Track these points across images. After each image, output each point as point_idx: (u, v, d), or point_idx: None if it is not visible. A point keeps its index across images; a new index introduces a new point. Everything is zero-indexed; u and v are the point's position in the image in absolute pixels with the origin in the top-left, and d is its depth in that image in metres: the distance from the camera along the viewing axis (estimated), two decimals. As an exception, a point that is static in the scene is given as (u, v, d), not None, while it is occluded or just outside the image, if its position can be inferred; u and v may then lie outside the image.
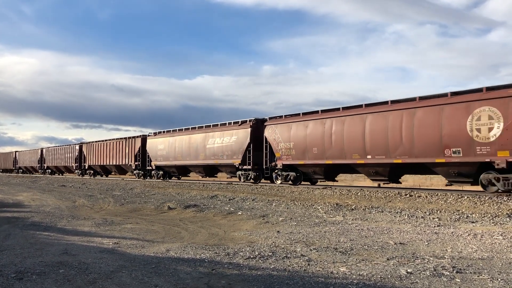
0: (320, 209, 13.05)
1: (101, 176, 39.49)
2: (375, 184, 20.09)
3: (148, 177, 31.21)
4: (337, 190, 16.55)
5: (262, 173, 21.78)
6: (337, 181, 20.18)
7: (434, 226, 9.77)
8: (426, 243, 7.84)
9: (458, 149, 13.87)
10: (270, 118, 21.66)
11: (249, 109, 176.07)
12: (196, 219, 12.70)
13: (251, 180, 22.26)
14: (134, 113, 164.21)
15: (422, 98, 15.32)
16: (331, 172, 19.17)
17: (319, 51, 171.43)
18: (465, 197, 12.93)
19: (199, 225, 11.48)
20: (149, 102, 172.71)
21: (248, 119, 22.59)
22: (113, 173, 38.75)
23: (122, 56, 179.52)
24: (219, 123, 24.72)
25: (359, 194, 15.36)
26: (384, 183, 18.31)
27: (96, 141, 38.64)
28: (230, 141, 23.06)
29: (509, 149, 12.67)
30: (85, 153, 40.45)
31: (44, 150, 51.02)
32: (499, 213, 10.74)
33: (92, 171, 39.91)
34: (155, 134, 30.46)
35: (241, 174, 22.73)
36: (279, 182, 20.84)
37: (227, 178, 25.76)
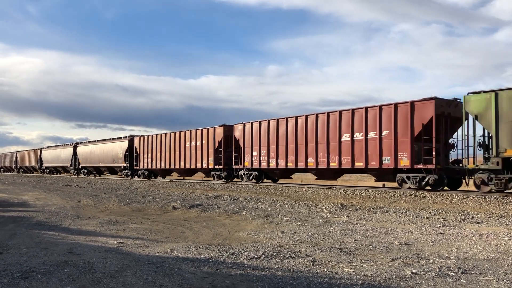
0: (324, 209, 13.03)
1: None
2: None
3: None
4: (342, 190, 16.53)
5: (78, 171, 44.60)
6: (104, 174, 41.99)
7: (439, 226, 9.72)
8: (431, 244, 7.80)
9: (122, 159, 34.69)
10: (79, 143, 44.93)
11: (253, 109, 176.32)
12: (200, 219, 12.71)
13: (73, 173, 46.01)
14: (139, 113, 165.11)
15: (116, 139, 37.29)
16: (97, 171, 41.88)
17: (323, 51, 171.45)
18: (471, 197, 12.88)
19: (204, 225, 11.49)
20: (154, 102, 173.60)
21: (70, 143, 47.18)
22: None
23: (127, 55, 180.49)
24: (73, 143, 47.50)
25: (363, 194, 15.33)
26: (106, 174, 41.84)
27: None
28: (67, 153, 46.66)
29: (129, 163, 34.66)
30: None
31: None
32: (505, 214, 10.69)
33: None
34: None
35: (72, 171, 46.37)
36: (83, 176, 43.08)
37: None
